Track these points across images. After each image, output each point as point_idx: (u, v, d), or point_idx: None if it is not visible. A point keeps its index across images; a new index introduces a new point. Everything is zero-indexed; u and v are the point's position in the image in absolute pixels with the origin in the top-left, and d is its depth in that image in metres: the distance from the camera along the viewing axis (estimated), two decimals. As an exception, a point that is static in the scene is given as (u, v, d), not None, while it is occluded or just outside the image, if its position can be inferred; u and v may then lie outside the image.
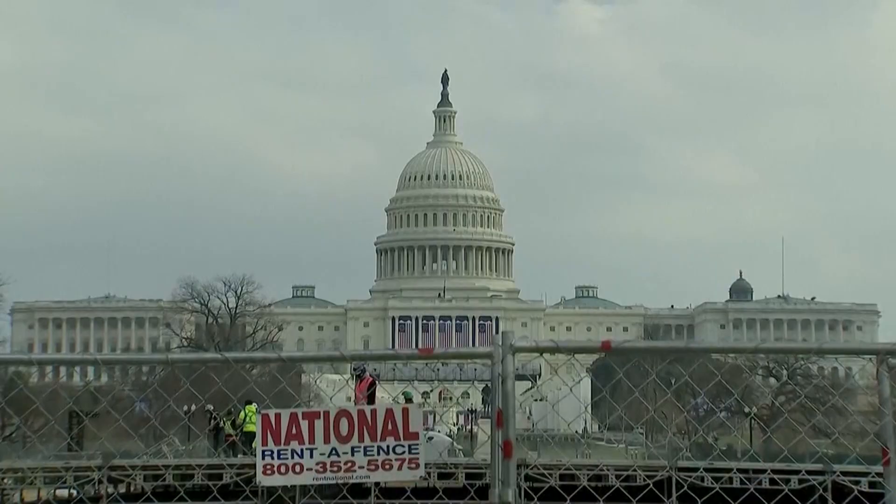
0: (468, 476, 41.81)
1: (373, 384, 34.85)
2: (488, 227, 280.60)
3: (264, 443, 7.46)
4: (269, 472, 7.49)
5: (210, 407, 51.40)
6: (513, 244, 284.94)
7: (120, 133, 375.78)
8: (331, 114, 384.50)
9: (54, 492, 54.68)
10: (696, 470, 40.43)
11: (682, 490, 37.15)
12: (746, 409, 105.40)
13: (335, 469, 7.43)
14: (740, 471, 41.42)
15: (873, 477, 34.43)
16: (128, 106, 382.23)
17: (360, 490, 37.57)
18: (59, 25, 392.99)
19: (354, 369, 34.31)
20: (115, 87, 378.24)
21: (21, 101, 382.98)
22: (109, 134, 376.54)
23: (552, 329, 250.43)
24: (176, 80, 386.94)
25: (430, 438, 47.20)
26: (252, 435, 50.42)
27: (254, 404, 49.68)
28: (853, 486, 36.61)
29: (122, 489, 49.75)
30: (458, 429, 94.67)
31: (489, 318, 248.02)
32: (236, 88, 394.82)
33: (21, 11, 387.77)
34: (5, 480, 51.64)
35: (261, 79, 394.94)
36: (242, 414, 51.33)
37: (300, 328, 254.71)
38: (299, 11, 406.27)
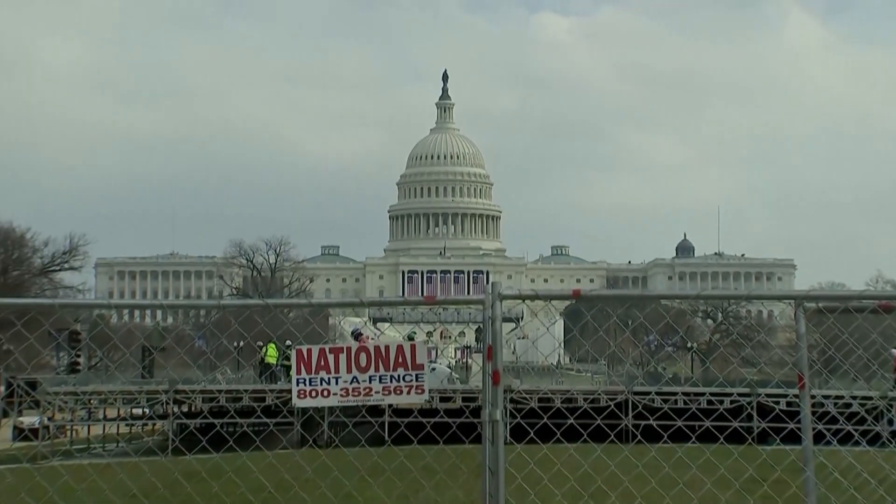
0: (464, 399, 41.88)
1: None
2: (480, 197, 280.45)
3: (298, 372, 7.49)
4: (302, 396, 7.51)
5: (260, 343, 51.43)
6: (500, 212, 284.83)
7: (177, 121, 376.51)
8: (349, 106, 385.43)
9: (130, 410, 54.93)
10: (648, 394, 40.56)
11: (637, 410, 37.42)
12: (689, 345, 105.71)
13: (356, 393, 7.45)
14: (684, 394, 41.53)
15: (790, 398, 34.56)
16: (183, 99, 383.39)
17: (375, 410, 37.69)
18: (122, 33, 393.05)
19: (353, 332, 34.38)
20: (171, 83, 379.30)
21: (94, 95, 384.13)
22: (168, 122, 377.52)
23: (532, 280, 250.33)
24: (219, 78, 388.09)
25: (433, 369, 47.18)
26: (269, 366, 50.58)
27: (273, 344, 49.85)
28: (774, 406, 36.72)
29: (184, 409, 49.91)
30: (456, 361, 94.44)
31: (481, 272, 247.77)
32: (269, 85, 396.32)
33: (92, 22, 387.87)
34: (92, 401, 51.82)
35: (289, 78, 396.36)
36: (264, 350, 51.47)
37: (327, 280, 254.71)
38: (320, 22, 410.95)
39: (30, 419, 51.55)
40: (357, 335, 35.20)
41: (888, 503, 11.68)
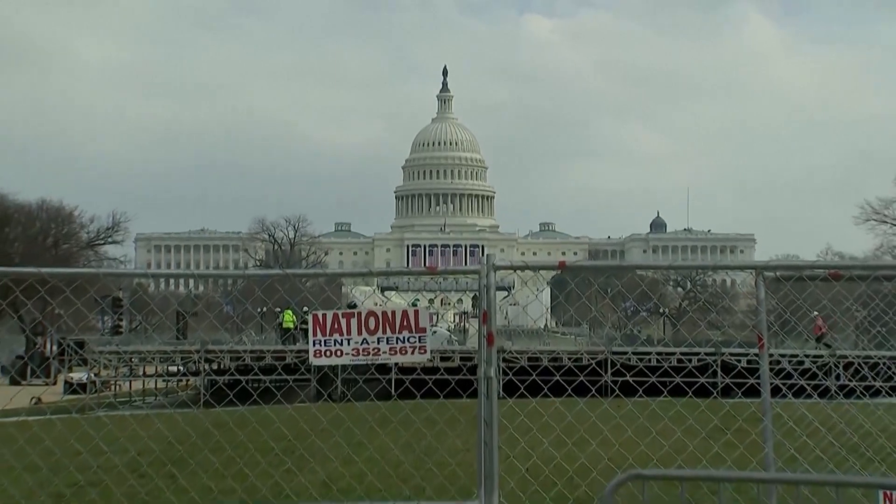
0: (462, 358, 41.99)
1: None
2: (476, 180, 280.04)
3: (314, 334, 7.47)
4: (318, 355, 7.49)
5: (278, 309, 51.52)
6: (494, 192, 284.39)
7: (203, 112, 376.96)
8: (358, 99, 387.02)
9: (166, 367, 55.07)
10: (625, 353, 40.60)
11: (615, 367, 37.45)
12: (661, 310, 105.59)
13: (366, 353, 7.44)
14: (657, 353, 41.64)
15: (751, 357, 34.61)
16: (208, 93, 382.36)
17: (383, 368, 37.70)
18: (152, 34, 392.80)
19: (349, 306, 34.19)
20: (198, 79, 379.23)
21: (129, 89, 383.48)
22: (195, 113, 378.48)
23: (522, 254, 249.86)
24: (241, 75, 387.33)
25: (434, 332, 47.24)
26: (287, 330, 50.68)
27: (290, 310, 49.94)
28: (736, 363, 36.75)
29: (213, 366, 50.00)
30: (454, 325, 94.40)
31: (477, 246, 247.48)
32: (286, 81, 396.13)
33: (126, 24, 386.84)
34: (132, 359, 51.98)
35: (303, 73, 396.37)
36: (282, 315, 51.61)
37: (340, 253, 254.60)
38: (330, 24, 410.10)
39: (78, 375, 51.75)
40: (352, 307, 34.98)
41: (835, 448, 11.70)
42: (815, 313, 31.55)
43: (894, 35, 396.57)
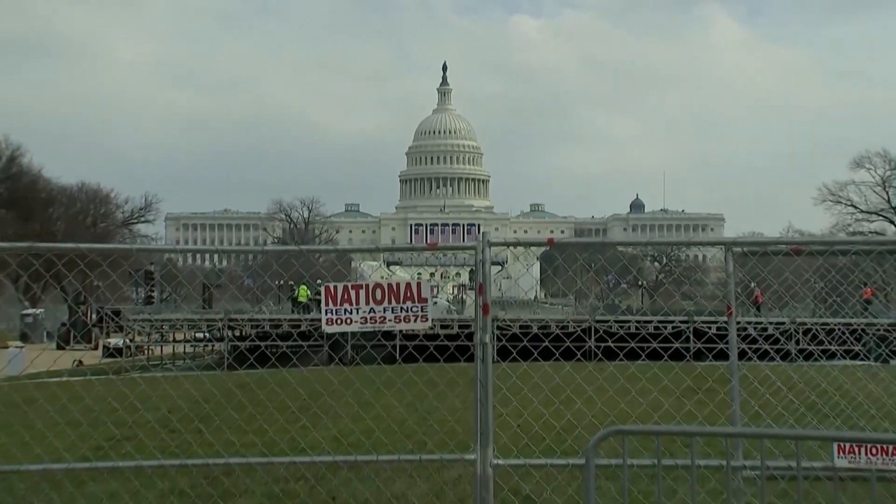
0: (460, 326, 41.98)
1: None
2: (473, 165, 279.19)
3: (326, 304, 7.44)
4: (330, 323, 7.47)
5: (292, 283, 51.53)
6: (488, 176, 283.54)
7: (225, 103, 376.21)
8: (365, 92, 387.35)
9: (193, 334, 55.14)
10: (608, 321, 40.64)
11: (598, 334, 37.50)
12: (640, 282, 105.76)
13: (373, 321, 7.42)
14: (636, 321, 41.63)
15: (720, 324, 34.64)
16: (231, 86, 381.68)
17: (389, 335, 37.74)
18: (180, 32, 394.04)
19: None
20: (221, 72, 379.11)
21: (159, 82, 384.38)
22: (218, 103, 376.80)
23: (514, 232, 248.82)
24: (259, 69, 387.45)
25: (435, 303, 47.28)
26: (300, 303, 50.72)
27: (305, 284, 49.98)
28: (707, 330, 36.77)
29: (236, 333, 50.08)
30: (453, 296, 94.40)
31: (473, 225, 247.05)
32: (299, 75, 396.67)
33: (156, 23, 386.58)
34: (163, 326, 52.04)
35: (315, 68, 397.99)
36: (297, 290, 51.64)
37: (350, 231, 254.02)
38: (339, 23, 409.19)
39: (115, 340, 51.79)
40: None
41: (795, 406, 11.73)
42: (754, 285, 31.63)
43: (840, 35, 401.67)
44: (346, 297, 7.45)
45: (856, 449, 5.77)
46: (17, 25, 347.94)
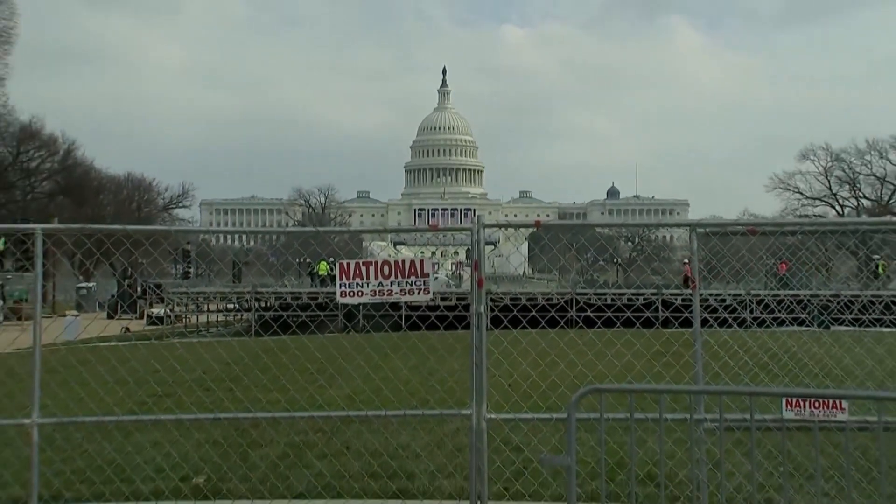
0: (458, 298, 41.93)
1: None
2: (469, 157, 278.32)
3: (340, 278, 7.42)
4: (343, 295, 7.45)
5: (310, 260, 51.51)
6: (483, 167, 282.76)
7: (250, 101, 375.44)
8: (373, 92, 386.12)
9: (225, 304, 55.19)
10: (587, 293, 40.63)
11: (579, 305, 37.48)
12: (615, 259, 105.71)
13: (381, 294, 7.40)
14: (612, 294, 41.64)
15: (685, 296, 34.70)
16: (257, 86, 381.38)
17: (395, 306, 37.70)
18: (208, 37, 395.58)
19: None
20: (244, 74, 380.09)
21: (193, 83, 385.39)
22: (243, 102, 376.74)
23: (505, 215, 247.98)
24: (281, 71, 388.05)
25: (436, 278, 47.17)
26: (322, 276, 50.70)
27: (324, 261, 49.97)
28: (674, 301, 36.86)
29: (261, 304, 50.11)
30: (452, 272, 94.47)
31: (469, 209, 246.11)
32: (316, 76, 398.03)
33: (186, 29, 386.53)
34: (198, 298, 52.07)
35: (330, 70, 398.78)
36: (317, 267, 51.62)
37: (361, 215, 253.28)
38: (350, 30, 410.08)
39: (157, 310, 51.83)
40: None
41: (750, 366, 11.75)
42: (686, 262, 31.64)
43: (788, 44, 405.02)
44: (357, 272, 7.43)
45: (802, 403, 5.79)
46: (71, 36, 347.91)
